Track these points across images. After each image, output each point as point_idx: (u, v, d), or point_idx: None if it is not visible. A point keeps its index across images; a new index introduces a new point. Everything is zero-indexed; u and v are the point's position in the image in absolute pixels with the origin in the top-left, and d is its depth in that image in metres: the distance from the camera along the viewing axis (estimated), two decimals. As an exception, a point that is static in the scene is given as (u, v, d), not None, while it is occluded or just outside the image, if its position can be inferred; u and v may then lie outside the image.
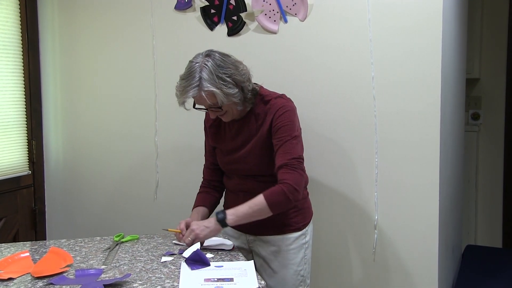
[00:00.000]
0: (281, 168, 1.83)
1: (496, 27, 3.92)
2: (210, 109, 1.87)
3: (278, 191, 1.80)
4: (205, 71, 1.78)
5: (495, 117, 4.00)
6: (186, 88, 1.80)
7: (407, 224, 2.26)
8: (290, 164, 1.82)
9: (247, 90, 1.88)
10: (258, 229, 1.97)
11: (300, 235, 1.99)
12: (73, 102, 2.87)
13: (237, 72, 1.85)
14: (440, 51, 2.15)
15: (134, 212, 2.77)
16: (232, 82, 1.82)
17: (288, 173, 1.81)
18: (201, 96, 1.80)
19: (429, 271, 2.25)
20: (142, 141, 2.72)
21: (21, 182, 2.70)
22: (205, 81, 1.78)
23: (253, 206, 1.81)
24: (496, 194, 4.02)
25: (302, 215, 2.01)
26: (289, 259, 1.97)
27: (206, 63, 1.80)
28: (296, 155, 1.85)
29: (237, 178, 2.00)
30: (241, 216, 1.81)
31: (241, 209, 1.82)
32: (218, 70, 1.80)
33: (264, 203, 1.79)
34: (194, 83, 1.78)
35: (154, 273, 1.59)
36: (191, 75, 1.80)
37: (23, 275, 1.57)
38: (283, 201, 1.80)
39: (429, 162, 2.20)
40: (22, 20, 2.68)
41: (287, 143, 1.85)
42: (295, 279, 1.97)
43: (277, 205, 1.81)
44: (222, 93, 1.79)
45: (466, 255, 3.63)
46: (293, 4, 2.34)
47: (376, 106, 2.26)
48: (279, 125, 1.87)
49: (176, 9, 2.57)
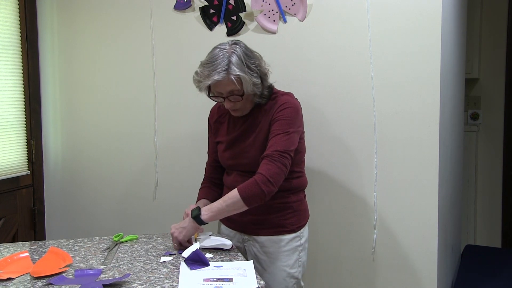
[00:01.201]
0: (262, 160, 1.83)
1: (495, 27, 3.92)
2: (229, 97, 1.86)
3: (251, 183, 1.78)
4: (234, 56, 1.81)
5: (494, 117, 4.01)
6: (212, 72, 1.79)
7: (406, 224, 2.26)
8: (270, 155, 1.81)
9: (266, 85, 1.92)
10: (253, 229, 1.96)
11: (294, 237, 1.98)
12: (72, 102, 2.87)
13: (261, 65, 1.89)
14: (440, 51, 2.15)
15: (133, 212, 2.77)
16: (257, 72, 1.86)
17: (266, 164, 1.80)
18: (228, 81, 1.80)
19: (428, 270, 2.25)
20: (141, 141, 2.72)
21: (20, 182, 2.70)
22: (234, 65, 1.79)
23: (227, 200, 1.80)
24: (495, 194, 4.02)
25: (297, 217, 2.00)
26: (282, 260, 1.95)
27: (235, 49, 1.83)
28: (281, 149, 1.82)
29: (236, 174, 1.99)
30: (216, 211, 1.81)
31: (215, 204, 1.82)
32: (246, 58, 1.83)
33: (238, 196, 1.78)
34: (223, 67, 1.79)
35: (154, 273, 1.59)
36: (218, 60, 1.80)
37: (22, 275, 1.57)
38: (256, 193, 1.77)
39: (428, 162, 2.20)
40: (21, 20, 2.67)
41: (277, 136, 1.85)
42: (288, 281, 1.96)
43: (250, 197, 1.78)
44: (249, 81, 1.81)
45: (465, 255, 3.63)
46: (292, 4, 2.34)
47: (376, 106, 2.27)
48: (276, 119, 1.88)
49: (175, 9, 2.57)
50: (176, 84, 2.61)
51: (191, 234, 1.84)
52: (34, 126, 2.77)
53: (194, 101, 2.53)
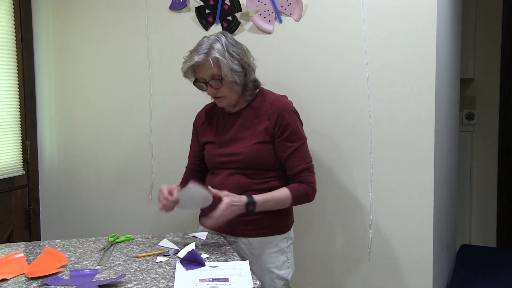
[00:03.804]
0: (301, 171, 1.93)
1: (490, 27, 3.93)
2: (210, 81, 1.90)
3: (303, 187, 1.92)
4: (217, 43, 1.89)
5: (489, 117, 4.02)
6: (193, 55, 1.89)
7: (402, 224, 2.27)
8: (308, 168, 1.95)
9: (250, 77, 1.96)
10: (241, 230, 1.95)
11: (282, 238, 1.98)
12: (68, 102, 2.86)
13: (245, 56, 1.95)
14: (435, 51, 2.16)
15: (129, 212, 2.77)
16: (239, 61, 1.90)
17: (309, 176, 1.94)
18: (206, 63, 1.87)
19: (423, 270, 2.25)
20: (137, 141, 2.72)
21: (15, 183, 2.69)
22: (214, 50, 1.87)
23: (276, 194, 1.90)
24: (490, 193, 4.04)
25: (285, 218, 2.00)
26: (270, 262, 1.94)
27: (219, 37, 1.92)
28: (310, 159, 1.98)
29: (223, 174, 1.97)
30: (265, 198, 1.87)
31: (265, 195, 1.89)
32: (229, 46, 1.89)
33: (289, 194, 1.89)
34: (203, 51, 1.88)
35: (149, 273, 1.59)
36: (202, 45, 1.90)
37: (17, 276, 1.57)
38: (304, 196, 1.93)
39: (423, 162, 2.21)
40: (16, 20, 2.67)
41: (302, 147, 1.95)
42: (277, 283, 1.95)
43: (299, 198, 1.93)
44: (228, 65, 1.86)
45: (460, 254, 3.64)
46: (288, 4, 2.34)
47: (371, 106, 2.27)
48: (288, 126, 1.92)
49: (171, 9, 2.57)
50: (171, 84, 2.61)
51: (242, 208, 1.83)
52: (29, 126, 2.76)
53: (189, 101, 2.53)
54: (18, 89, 2.70)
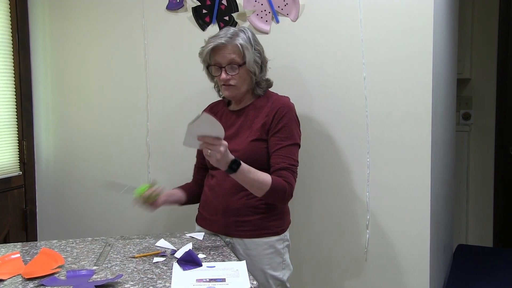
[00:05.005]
0: (281, 170, 1.86)
1: (487, 27, 3.94)
2: (227, 67, 1.90)
3: (284, 183, 1.84)
4: (241, 33, 1.92)
5: (486, 117, 4.03)
6: (218, 36, 1.90)
7: (399, 224, 2.27)
8: (291, 169, 1.88)
9: (265, 75, 2.00)
10: (236, 230, 1.95)
11: (278, 239, 1.96)
12: (64, 102, 2.86)
13: (264, 53, 2.00)
14: (432, 51, 2.16)
15: (126, 212, 2.76)
16: (260, 55, 1.95)
17: (290, 177, 1.87)
18: (229, 46, 1.88)
19: (420, 270, 2.26)
20: (134, 141, 2.71)
21: (12, 183, 2.68)
22: (239, 37, 1.89)
23: (260, 175, 1.80)
24: (487, 193, 4.05)
25: (281, 219, 1.99)
26: (266, 263, 1.93)
27: (244, 28, 1.96)
28: (295, 162, 1.91)
29: (219, 176, 1.97)
30: (248, 169, 1.76)
31: (251, 169, 1.79)
32: (252, 38, 1.94)
33: (270, 181, 1.81)
34: (229, 35, 1.89)
35: (146, 273, 1.59)
36: (228, 31, 1.92)
37: (13, 277, 1.56)
38: (281, 193, 1.84)
39: (420, 162, 2.21)
40: (12, 20, 2.66)
41: (290, 147, 1.90)
42: (272, 284, 1.94)
43: (276, 192, 1.83)
44: (252, 55, 1.90)
45: (457, 254, 3.65)
46: (284, 5, 2.34)
47: (368, 106, 2.27)
48: (282, 121, 1.91)
49: (167, 9, 2.57)
50: (168, 84, 2.61)
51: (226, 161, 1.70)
52: (25, 126, 2.75)
53: (186, 101, 2.53)
54: (15, 89, 2.69)
